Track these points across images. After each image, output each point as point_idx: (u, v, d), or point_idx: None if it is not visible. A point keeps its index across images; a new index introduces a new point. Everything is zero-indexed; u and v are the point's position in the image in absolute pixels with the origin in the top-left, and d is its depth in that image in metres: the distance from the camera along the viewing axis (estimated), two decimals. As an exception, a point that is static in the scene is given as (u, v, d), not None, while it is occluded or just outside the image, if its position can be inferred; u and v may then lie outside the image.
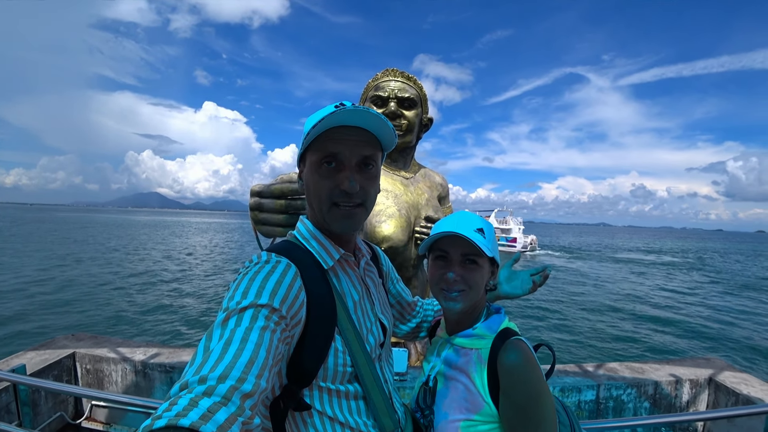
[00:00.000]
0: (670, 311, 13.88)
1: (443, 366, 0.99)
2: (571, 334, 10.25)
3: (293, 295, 0.71)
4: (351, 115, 0.75)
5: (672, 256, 43.70)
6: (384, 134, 0.83)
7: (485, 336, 0.94)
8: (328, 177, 0.80)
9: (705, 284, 21.46)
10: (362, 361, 0.81)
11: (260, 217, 1.54)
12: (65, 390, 2.42)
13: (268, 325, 0.62)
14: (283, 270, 0.73)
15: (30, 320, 10.01)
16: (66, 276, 16.64)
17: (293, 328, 0.70)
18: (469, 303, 0.94)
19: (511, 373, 0.84)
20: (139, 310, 11.47)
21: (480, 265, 0.93)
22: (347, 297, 0.85)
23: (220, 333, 0.59)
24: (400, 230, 2.07)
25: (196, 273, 18.98)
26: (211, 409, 0.47)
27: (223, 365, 0.53)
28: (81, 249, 27.01)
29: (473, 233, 0.89)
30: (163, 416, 0.45)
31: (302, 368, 0.74)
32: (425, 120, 2.52)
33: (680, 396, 2.87)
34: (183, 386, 0.51)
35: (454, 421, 0.88)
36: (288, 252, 0.80)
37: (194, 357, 0.57)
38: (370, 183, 0.84)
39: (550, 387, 2.77)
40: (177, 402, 0.47)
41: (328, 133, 0.77)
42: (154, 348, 3.14)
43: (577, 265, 29.61)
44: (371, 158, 0.83)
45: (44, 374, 2.71)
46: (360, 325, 0.85)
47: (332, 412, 0.78)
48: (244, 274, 0.71)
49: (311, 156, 0.82)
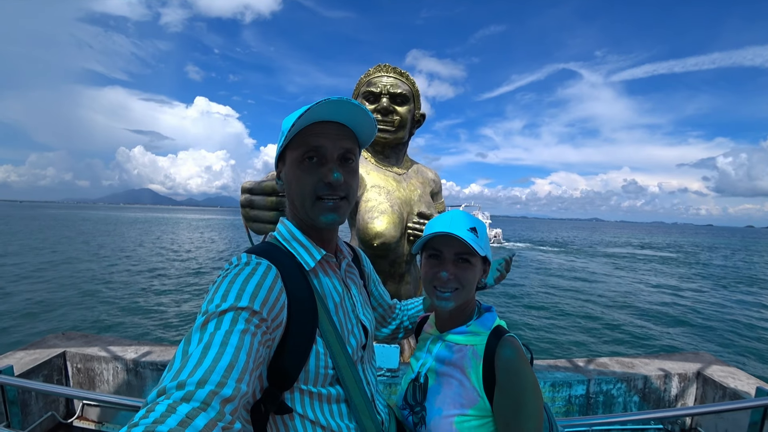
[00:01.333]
0: (660, 305, 14.08)
1: (435, 362, 0.99)
2: (550, 329, 10.37)
3: (274, 297, 0.70)
4: (333, 107, 0.75)
5: (658, 250, 44.23)
6: (362, 129, 0.84)
7: (480, 333, 0.96)
8: (310, 172, 0.80)
9: (694, 278, 21.78)
10: (344, 364, 0.81)
11: (251, 214, 1.53)
12: (54, 391, 2.40)
13: (248, 329, 0.61)
14: (263, 272, 0.72)
15: (19, 319, 9.90)
16: (56, 274, 16.46)
17: (274, 331, 0.69)
18: (461, 301, 0.95)
19: (508, 368, 0.86)
20: (130, 308, 11.39)
21: (473, 264, 0.94)
22: (328, 298, 0.85)
23: (199, 337, 0.58)
24: (392, 226, 2.07)
25: (188, 270, 18.87)
26: (190, 414, 0.46)
27: (202, 370, 0.52)
28: (71, 246, 26.70)
29: (466, 232, 0.90)
30: (140, 423, 0.44)
31: (283, 371, 0.73)
32: (418, 116, 2.51)
33: (669, 390, 2.92)
34: (161, 392, 0.50)
35: (448, 417, 0.89)
36: (268, 253, 0.79)
37: (172, 362, 0.55)
38: (351, 176, 0.85)
39: (540, 382, 2.78)
40: (154, 408, 0.46)
41: (310, 128, 0.78)
42: (146, 346, 3.12)
43: (537, 254, 30.24)
44: (351, 152, 0.84)
45: (34, 374, 2.68)
46: (341, 326, 0.85)
47: (314, 416, 0.77)
48: (223, 277, 0.70)
49: (292, 153, 0.82)
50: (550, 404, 2.75)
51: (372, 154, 2.47)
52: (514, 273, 20.82)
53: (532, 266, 24.85)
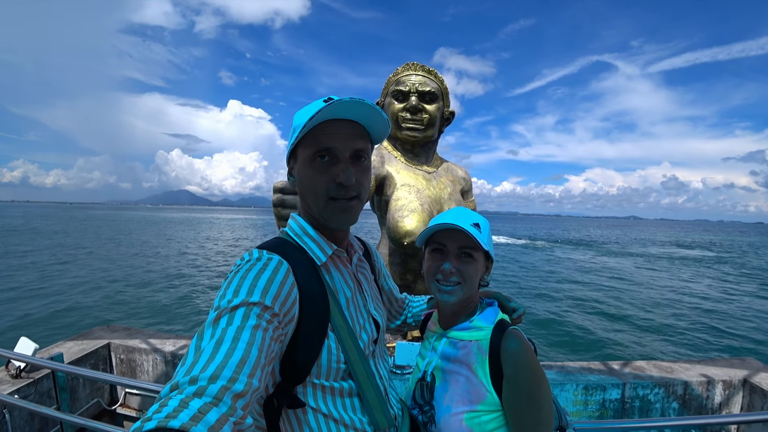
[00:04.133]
0: (702, 309, 13.35)
1: (440, 360, 0.99)
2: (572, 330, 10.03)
3: (285, 292, 0.70)
4: (345, 107, 0.74)
5: (700, 249, 41.73)
6: (376, 127, 0.82)
7: (483, 327, 0.95)
8: (323, 171, 0.79)
9: (740, 280, 20.47)
10: (355, 358, 0.81)
11: (283, 213, 1.56)
12: (100, 378, 2.54)
13: (260, 324, 0.61)
14: (275, 267, 0.72)
15: (69, 312, 10.55)
16: (103, 269, 17.41)
17: (286, 326, 0.70)
18: (463, 296, 0.96)
19: (515, 361, 0.86)
20: (171, 303, 11.89)
21: (475, 258, 0.95)
22: (340, 293, 0.85)
23: (211, 332, 0.59)
24: (422, 225, 2.07)
25: (224, 267, 19.49)
26: (202, 410, 0.46)
27: (215, 365, 0.52)
28: (118, 245, 28.16)
29: (470, 227, 0.91)
30: (153, 418, 0.45)
31: (296, 365, 0.73)
32: (447, 114, 2.49)
33: (712, 397, 2.77)
34: (173, 387, 0.50)
35: (458, 414, 0.89)
36: (280, 248, 0.79)
37: (185, 357, 0.56)
38: (363, 175, 0.84)
39: (573, 385, 2.69)
40: (167, 403, 0.47)
41: (320, 127, 0.77)
42: (184, 340, 3.26)
43: (560, 252, 29.12)
44: (363, 151, 0.82)
45: (82, 363, 2.86)
46: (353, 321, 0.85)
47: (326, 409, 0.77)
48: (235, 272, 0.70)
49: (303, 151, 0.81)
50: (582, 408, 2.69)
51: (402, 153, 2.47)
52: (535, 272, 20.30)
53: (562, 264, 24.14)
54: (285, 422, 0.76)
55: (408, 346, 2.28)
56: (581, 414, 2.67)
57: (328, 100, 0.75)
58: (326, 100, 0.75)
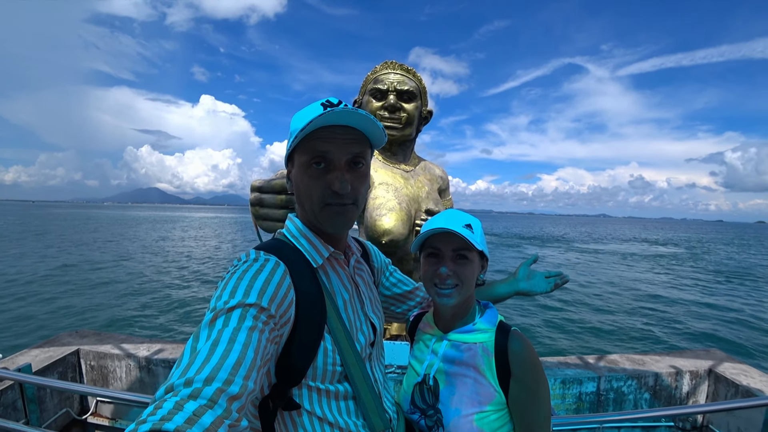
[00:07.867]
0: (669, 302, 13.91)
1: (444, 363, 0.99)
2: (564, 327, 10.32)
3: (282, 293, 0.70)
4: (340, 115, 0.74)
5: (666, 246, 43.45)
6: (373, 132, 0.82)
7: (487, 330, 0.97)
8: (318, 178, 0.79)
9: (703, 274, 21.44)
10: (352, 361, 0.81)
11: (261, 213, 1.54)
12: (71, 388, 2.44)
13: (256, 325, 0.61)
14: (271, 268, 0.72)
15: (34, 317, 10.08)
16: (68, 272, 16.71)
17: (282, 327, 0.70)
18: (462, 298, 0.97)
19: (522, 362, 0.91)
20: (143, 306, 11.51)
21: (470, 259, 0.96)
22: (337, 296, 0.85)
23: (207, 334, 0.58)
24: (400, 223, 2.07)
25: (199, 268, 19.03)
26: (197, 412, 0.46)
27: (210, 367, 0.52)
28: (82, 245, 27.07)
29: (462, 229, 0.92)
30: (147, 420, 0.44)
31: (291, 367, 0.73)
32: (425, 113, 2.50)
33: (680, 387, 2.89)
34: (168, 389, 0.50)
35: (468, 416, 0.91)
36: (277, 250, 0.79)
37: (180, 358, 0.56)
38: (360, 181, 0.83)
39: (551, 379, 2.77)
40: (162, 405, 0.47)
41: (317, 132, 0.76)
42: (158, 344, 3.16)
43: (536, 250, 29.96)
44: (360, 156, 0.82)
45: (49, 371, 2.73)
46: (350, 324, 0.85)
47: (321, 412, 0.77)
48: (232, 273, 0.70)
49: (299, 156, 0.80)
50: (560, 401, 2.76)
51: (379, 152, 2.47)
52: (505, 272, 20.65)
53: (540, 263, 24.62)
54: (280, 424, 0.76)
55: (391, 345, 2.29)
56: (559, 407, 2.74)
57: (326, 104, 0.74)
58: (324, 104, 0.75)
